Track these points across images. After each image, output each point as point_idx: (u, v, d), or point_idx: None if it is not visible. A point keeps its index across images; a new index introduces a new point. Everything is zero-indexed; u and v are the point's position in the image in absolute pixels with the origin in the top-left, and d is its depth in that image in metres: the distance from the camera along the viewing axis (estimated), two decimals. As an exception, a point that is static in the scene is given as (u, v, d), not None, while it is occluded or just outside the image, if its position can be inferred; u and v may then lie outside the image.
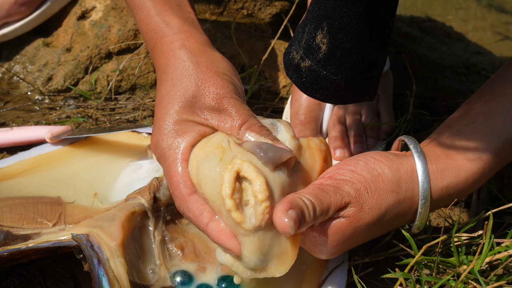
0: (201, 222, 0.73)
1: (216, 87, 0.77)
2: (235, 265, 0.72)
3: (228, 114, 0.76)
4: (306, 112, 1.09)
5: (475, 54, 1.67)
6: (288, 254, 0.71)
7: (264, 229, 0.70)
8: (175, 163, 0.75)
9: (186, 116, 0.76)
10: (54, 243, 0.77)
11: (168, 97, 0.77)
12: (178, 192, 0.74)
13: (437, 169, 0.77)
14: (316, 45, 0.78)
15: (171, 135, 0.76)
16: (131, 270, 0.77)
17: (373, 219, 0.75)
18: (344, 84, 0.79)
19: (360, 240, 0.77)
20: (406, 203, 0.77)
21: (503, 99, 0.80)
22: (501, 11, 2.77)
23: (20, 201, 0.88)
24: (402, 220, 0.78)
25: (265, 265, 0.71)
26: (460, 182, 0.78)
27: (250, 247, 0.70)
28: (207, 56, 0.79)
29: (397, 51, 1.42)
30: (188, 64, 0.78)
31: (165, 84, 0.78)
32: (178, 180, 0.74)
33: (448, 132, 0.80)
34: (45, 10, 1.31)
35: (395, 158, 0.78)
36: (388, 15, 0.77)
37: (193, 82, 0.77)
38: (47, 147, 1.03)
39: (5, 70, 1.30)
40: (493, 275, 0.79)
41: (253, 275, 0.72)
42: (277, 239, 0.71)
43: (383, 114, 1.13)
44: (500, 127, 0.78)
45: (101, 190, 0.95)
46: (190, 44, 0.80)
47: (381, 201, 0.75)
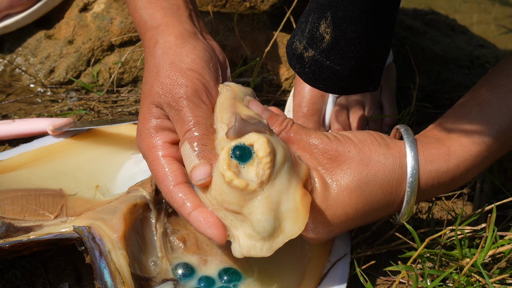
0: (184, 212, 0.73)
1: (176, 86, 0.76)
2: (252, 247, 0.71)
3: (180, 116, 0.76)
4: (309, 105, 1.09)
5: (478, 47, 1.66)
6: (300, 211, 0.70)
7: (269, 185, 0.70)
8: (157, 159, 0.76)
9: (154, 115, 0.77)
10: (56, 235, 0.77)
11: (143, 97, 0.78)
12: (164, 185, 0.75)
13: (428, 153, 0.76)
14: (320, 35, 0.77)
15: (148, 134, 0.77)
16: (132, 262, 0.77)
17: (359, 177, 0.74)
18: (347, 74, 0.78)
19: (349, 210, 0.75)
20: (394, 179, 0.75)
21: (499, 90, 0.79)
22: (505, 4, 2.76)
23: (22, 193, 0.88)
24: (389, 198, 0.76)
25: (279, 224, 0.70)
26: (451, 168, 0.76)
27: (260, 207, 0.69)
28: (176, 50, 0.78)
29: (400, 43, 1.42)
30: (157, 61, 0.78)
31: (143, 83, 0.80)
32: (162, 174, 0.75)
33: (444, 123, 0.79)
34: (47, 2, 1.31)
35: (388, 138, 0.78)
36: (392, 4, 0.76)
37: (159, 81, 0.76)
38: (49, 139, 1.02)
39: (7, 62, 1.30)
40: (496, 268, 0.79)
41: (272, 245, 0.71)
42: (285, 195, 0.70)
43: (386, 106, 1.13)
44: (495, 116, 0.77)
45: (103, 182, 0.95)
46: (162, 40, 0.79)
47: (367, 161, 0.74)
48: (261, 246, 0.71)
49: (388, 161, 0.75)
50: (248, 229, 0.71)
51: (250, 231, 0.71)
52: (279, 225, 0.71)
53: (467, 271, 0.77)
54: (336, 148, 0.75)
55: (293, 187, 0.71)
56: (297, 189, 0.71)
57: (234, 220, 0.72)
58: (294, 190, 0.71)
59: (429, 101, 1.28)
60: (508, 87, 0.78)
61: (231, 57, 1.27)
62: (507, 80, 0.79)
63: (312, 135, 0.76)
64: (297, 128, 0.76)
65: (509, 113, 0.77)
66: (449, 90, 1.32)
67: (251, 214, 0.70)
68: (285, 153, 0.72)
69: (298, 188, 0.71)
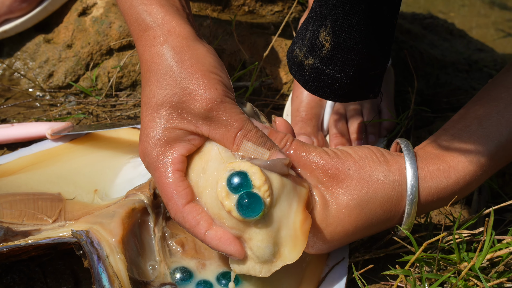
0: (199, 232, 0.72)
1: (205, 90, 0.72)
2: (251, 268, 0.73)
3: (219, 121, 0.72)
4: (307, 109, 1.09)
5: (477, 51, 1.67)
6: (298, 237, 0.71)
7: (268, 214, 0.70)
8: (166, 174, 0.73)
9: (175, 123, 0.73)
10: (54, 240, 0.77)
11: (155, 101, 0.73)
12: (173, 203, 0.72)
13: (427, 169, 0.76)
14: (320, 43, 0.77)
15: (161, 144, 0.73)
16: (131, 267, 0.77)
17: (358, 195, 0.74)
18: (347, 82, 0.79)
19: (349, 227, 0.75)
20: (394, 197, 0.75)
21: (498, 103, 0.78)
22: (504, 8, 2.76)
23: (20, 198, 0.88)
24: (389, 214, 0.76)
25: (278, 249, 0.71)
26: (451, 184, 0.76)
27: (259, 235, 0.70)
28: (191, 52, 0.74)
29: (399, 47, 1.42)
30: (171, 63, 0.73)
31: (150, 85, 0.74)
32: (171, 191, 0.72)
33: (443, 136, 0.79)
34: (46, 7, 1.31)
35: (388, 154, 0.78)
36: (391, 12, 0.76)
37: (178, 85, 0.72)
38: (47, 143, 1.02)
39: (6, 67, 1.30)
40: (494, 272, 0.79)
41: (270, 268, 0.72)
42: (285, 220, 0.71)
43: (384, 110, 1.13)
44: (494, 130, 0.77)
45: (101, 186, 0.95)
46: (172, 40, 0.74)
47: (367, 179, 0.74)
48: (260, 268, 0.72)
49: (388, 179, 0.75)
50: (247, 251, 0.72)
51: (250, 253, 0.72)
52: (278, 250, 0.72)
53: (465, 275, 0.77)
54: (336, 166, 0.75)
55: (294, 212, 0.72)
56: (298, 214, 0.72)
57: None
58: (295, 215, 0.72)
59: (428, 105, 1.28)
60: (508, 100, 0.78)
61: (230, 61, 1.28)
62: (507, 93, 0.79)
63: (312, 152, 0.76)
64: (297, 146, 0.76)
65: (508, 127, 0.77)
66: (448, 94, 1.32)
67: (251, 239, 0.71)
68: (282, 179, 0.72)
69: (298, 212, 0.72)
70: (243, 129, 0.73)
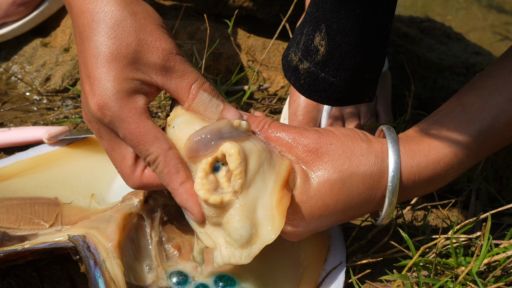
0: (175, 180, 0.72)
1: (160, 42, 0.72)
2: (232, 255, 0.72)
3: (174, 72, 0.73)
4: (304, 113, 1.09)
5: (474, 55, 1.67)
6: (275, 217, 0.70)
7: (243, 194, 0.70)
8: (140, 121, 0.72)
9: (132, 74, 0.72)
10: (51, 244, 0.77)
11: (108, 51, 0.71)
12: (157, 146, 0.72)
13: (408, 148, 0.76)
14: (315, 47, 0.77)
15: (122, 95, 0.71)
16: (127, 271, 0.77)
17: (340, 169, 0.74)
18: (342, 86, 0.79)
19: (330, 202, 0.74)
20: (376, 173, 0.75)
21: (482, 91, 0.79)
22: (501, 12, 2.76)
23: (17, 202, 0.88)
24: (370, 192, 0.75)
25: (255, 231, 0.71)
26: (431, 162, 0.76)
27: (236, 216, 0.70)
28: (141, 6, 0.73)
29: (396, 51, 1.42)
30: (124, 14, 0.72)
31: (97, 35, 0.71)
32: (153, 136, 0.72)
33: (425, 122, 0.80)
34: (43, 11, 1.31)
35: (370, 135, 0.78)
36: (386, 17, 0.77)
37: (133, 35, 0.71)
38: (44, 147, 1.02)
39: (3, 70, 1.30)
40: (491, 277, 0.79)
41: (250, 252, 0.71)
42: (261, 201, 0.71)
43: (381, 114, 1.13)
44: (477, 115, 0.77)
45: (98, 191, 0.95)
46: None
47: (350, 154, 0.74)
48: (240, 254, 0.72)
49: (370, 156, 0.75)
50: (227, 237, 0.72)
51: (228, 239, 0.72)
52: (255, 231, 0.71)
53: (462, 280, 0.77)
54: (317, 140, 0.75)
55: (269, 192, 0.71)
56: (274, 193, 0.71)
57: (215, 230, 0.73)
58: (271, 195, 0.71)
59: (425, 108, 1.28)
60: (492, 88, 0.78)
61: (227, 65, 1.28)
62: (491, 82, 0.79)
63: (291, 130, 0.76)
64: (275, 126, 0.76)
65: (492, 112, 0.77)
66: (445, 97, 1.32)
67: (228, 223, 0.71)
68: (259, 158, 0.72)
69: (275, 192, 0.71)
70: (198, 80, 0.74)
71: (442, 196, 1.05)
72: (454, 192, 1.06)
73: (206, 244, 0.74)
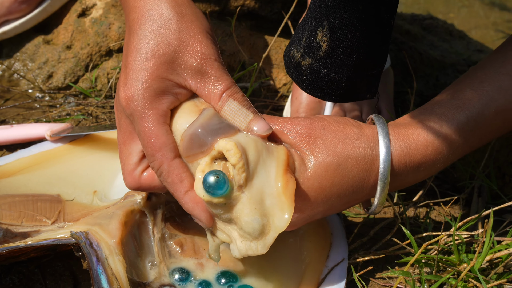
0: (179, 189, 0.72)
1: (201, 46, 0.73)
2: (249, 248, 0.72)
3: (209, 77, 0.73)
4: (306, 110, 1.09)
5: (476, 52, 1.67)
6: (284, 202, 0.70)
7: (248, 186, 0.70)
8: (156, 124, 0.72)
9: (166, 74, 0.73)
10: (53, 241, 0.77)
11: (149, 47, 0.73)
12: (161, 155, 0.72)
13: (397, 132, 0.76)
14: (317, 43, 0.77)
15: (150, 92, 0.72)
16: (130, 268, 0.77)
17: (335, 151, 0.74)
18: (345, 82, 0.79)
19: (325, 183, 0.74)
20: (368, 156, 0.75)
21: (473, 80, 0.79)
22: (504, 9, 2.76)
23: (19, 199, 0.88)
24: (365, 174, 0.75)
25: (267, 220, 0.71)
26: (420, 145, 0.76)
27: (245, 209, 0.70)
28: (191, 9, 0.75)
29: (398, 48, 1.42)
30: (172, 14, 0.73)
31: (144, 30, 0.73)
32: (161, 143, 0.72)
33: (415, 110, 0.80)
34: (45, 8, 1.31)
35: (361, 122, 0.79)
36: (389, 13, 0.77)
37: (176, 36, 0.73)
38: (46, 144, 1.02)
39: (5, 68, 1.30)
40: (493, 274, 0.79)
41: (265, 242, 0.71)
42: (267, 189, 0.71)
43: (383, 111, 1.13)
44: (466, 102, 0.77)
45: (100, 187, 0.95)
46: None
47: (342, 137, 0.75)
48: (256, 245, 0.72)
49: (362, 139, 0.76)
50: (239, 230, 0.72)
51: (242, 232, 0.72)
52: (267, 221, 0.71)
53: (465, 276, 0.77)
54: (309, 126, 0.75)
55: (273, 179, 0.71)
56: (278, 179, 0.71)
57: (228, 226, 0.73)
58: (275, 181, 0.71)
59: (427, 106, 1.28)
60: (482, 78, 0.79)
61: (229, 62, 1.28)
62: (482, 72, 0.80)
63: (281, 120, 0.76)
64: (266, 118, 0.76)
65: (481, 100, 0.77)
66: (447, 95, 1.32)
67: (238, 217, 0.71)
68: (257, 147, 0.72)
69: (279, 177, 0.71)
70: (231, 89, 0.74)
71: (444, 193, 1.05)
72: (456, 189, 1.06)
73: (222, 238, 0.74)
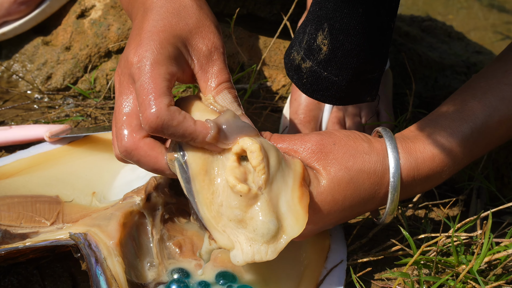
0: (189, 125, 0.71)
1: (214, 36, 0.76)
2: (257, 252, 0.72)
3: (213, 66, 0.75)
4: (305, 112, 1.09)
5: (475, 54, 1.67)
6: (299, 211, 0.72)
7: (267, 189, 0.72)
8: (160, 77, 0.71)
9: (180, 44, 0.74)
10: (52, 242, 0.77)
11: (167, 20, 0.74)
12: (161, 101, 0.70)
13: (405, 146, 0.79)
14: (317, 46, 0.77)
15: (163, 54, 0.72)
16: (128, 269, 0.77)
17: (346, 166, 0.76)
18: (345, 85, 0.79)
19: (338, 197, 0.76)
20: (379, 170, 0.77)
21: (476, 91, 0.81)
22: (502, 11, 2.76)
23: (18, 200, 0.88)
24: (376, 187, 0.77)
25: (280, 225, 0.72)
26: (427, 159, 0.78)
27: (262, 210, 0.71)
28: (207, 6, 0.78)
29: (397, 50, 1.42)
30: (191, 3, 0.76)
31: (164, 8, 0.75)
32: (161, 91, 0.70)
33: (420, 122, 0.82)
34: (44, 9, 1.31)
35: (370, 136, 0.81)
36: (389, 16, 0.77)
37: (193, 20, 0.75)
38: (45, 146, 1.02)
39: (4, 69, 1.30)
40: (492, 275, 0.79)
41: (276, 246, 0.72)
42: (283, 196, 0.72)
43: (382, 113, 1.13)
44: (469, 114, 0.79)
45: (99, 189, 0.95)
46: None
47: (353, 152, 0.77)
48: (266, 249, 0.72)
49: (372, 154, 0.78)
50: (250, 233, 0.72)
51: (252, 235, 0.72)
52: (281, 226, 0.72)
53: (463, 278, 0.77)
54: (320, 142, 0.77)
55: (290, 188, 0.73)
56: (295, 190, 0.73)
57: (235, 229, 0.73)
58: (292, 191, 0.73)
59: (426, 107, 1.28)
60: (485, 88, 0.81)
61: (228, 64, 1.28)
62: (485, 82, 0.81)
63: (293, 138, 0.78)
64: (276, 138, 0.78)
65: (484, 111, 0.79)
66: (446, 96, 1.31)
67: (253, 218, 0.72)
68: (278, 156, 0.74)
69: (295, 188, 0.73)
70: (229, 83, 0.76)
71: (443, 194, 1.05)
72: (455, 190, 1.06)
73: (221, 244, 0.73)
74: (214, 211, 0.73)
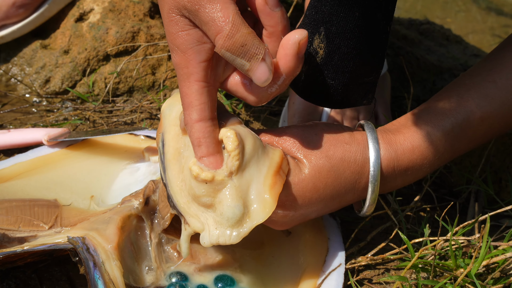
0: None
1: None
2: (221, 234, 0.74)
3: (209, 18, 0.68)
4: (303, 115, 1.09)
5: (473, 57, 1.67)
6: (267, 200, 0.73)
7: (238, 175, 0.73)
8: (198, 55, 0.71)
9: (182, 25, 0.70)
10: (50, 246, 0.77)
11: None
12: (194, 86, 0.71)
13: (385, 138, 0.80)
14: (314, 50, 0.78)
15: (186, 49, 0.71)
16: (126, 273, 0.77)
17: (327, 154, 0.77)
18: (341, 89, 0.79)
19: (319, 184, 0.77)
20: (359, 160, 0.78)
21: (460, 88, 0.82)
22: (500, 14, 2.77)
23: (16, 204, 0.88)
24: (356, 176, 0.78)
25: (247, 211, 0.73)
26: (406, 151, 0.79)
27: (230, 195, 0.72)
28: None
29: (395, 53, 1.42)
30: None
31: None
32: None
33: (405, 116, 0.83)
34: (43, 13, 1.31)
35: (352, 129, 0.82)
36: (385, 19, 0.77)
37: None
38: (44, 149, 1.02)
39: (3, 72, 1.30)
40: (490, 279, 0.79)
41: (240, 231, 0.73)
42: (254, 184, 0.74)
43: (380, 116, 1.13)
44: (451, 109, 0.80)
45: (98, 192, 0.95)
46: None
47: (335, 142, 0.78)
48: (230, 233, 0.73)
49: (353, 144, 0.79)
50: (217, 216, 0.73)
51: (219, 218, 0.73)
52: (247, 211, 0.73)
53: (461, 282, 0.77)
54: (302, 133, 0.79)
55: (263, 176, 0.74)
56: (268, 178, 0.74)
57: (205, 212, 0.74)
58: (264, 179, 0.74)
59: (424, 111, 1.28)
60: (469, 86, 0.82)
61: (227, 67, 1.28)
62: (470, 80, 0.82)
63: (277, 130, 0.79)
64: (261, 130, 0.79)
65: (467, 107, 0.80)
66: (444, 99, 1.32)
67: (221, 202, 0.73)
68: (255, 143, 0.75)
69: (268, 177, 0.74)
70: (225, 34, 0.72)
71: (441, 198, 1.05)
72: (453, 194, 1.07)
73: (194, 227, 0.74)
74: (185, 197, 0.75)
